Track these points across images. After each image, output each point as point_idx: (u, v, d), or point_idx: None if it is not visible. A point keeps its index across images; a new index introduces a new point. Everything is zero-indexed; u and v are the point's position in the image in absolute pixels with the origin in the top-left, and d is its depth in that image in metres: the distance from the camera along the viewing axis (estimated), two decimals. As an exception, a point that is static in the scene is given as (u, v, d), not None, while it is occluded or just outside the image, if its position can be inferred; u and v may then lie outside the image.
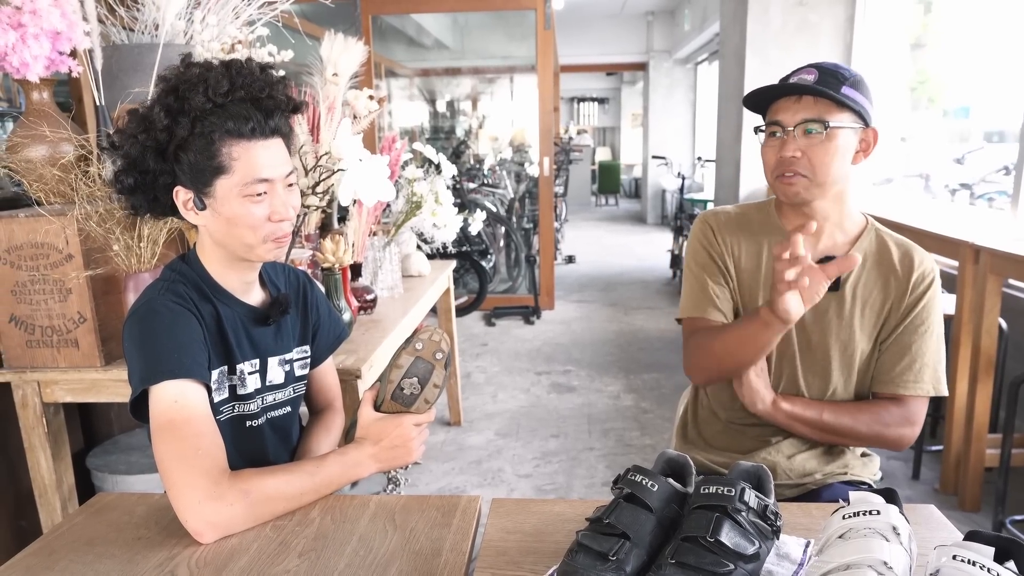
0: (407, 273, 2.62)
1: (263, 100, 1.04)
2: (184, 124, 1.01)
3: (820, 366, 1.32)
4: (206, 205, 1.06)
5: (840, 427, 1.28)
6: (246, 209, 1.04)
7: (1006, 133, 4.49)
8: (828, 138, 1.19)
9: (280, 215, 1.07)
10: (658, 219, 10.19)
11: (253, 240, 1.07)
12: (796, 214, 1.31)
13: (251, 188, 1.04)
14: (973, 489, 2.39)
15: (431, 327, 1.12)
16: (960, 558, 0.67)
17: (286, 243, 1.12)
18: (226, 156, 1.02)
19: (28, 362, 1.57)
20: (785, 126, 1.22)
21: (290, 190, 1.10)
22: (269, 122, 1.05)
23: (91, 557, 0.92)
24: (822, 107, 1.19)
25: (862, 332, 1.29)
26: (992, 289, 2.33)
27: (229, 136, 1.02)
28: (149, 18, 1.64)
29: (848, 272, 1.27)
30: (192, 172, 1.03)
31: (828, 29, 4.03)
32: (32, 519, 1.71)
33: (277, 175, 1.06)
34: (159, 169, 1.04)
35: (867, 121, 1.22)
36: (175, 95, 1.01)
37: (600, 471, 2.81)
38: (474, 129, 7.09)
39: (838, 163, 1.21)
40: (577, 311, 5.37)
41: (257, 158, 1.04)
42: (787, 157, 1.22)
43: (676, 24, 9.03)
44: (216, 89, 1.00)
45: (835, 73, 1.21)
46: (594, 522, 0.85)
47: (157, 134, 1.02)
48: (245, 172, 1.03)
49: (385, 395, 1.09)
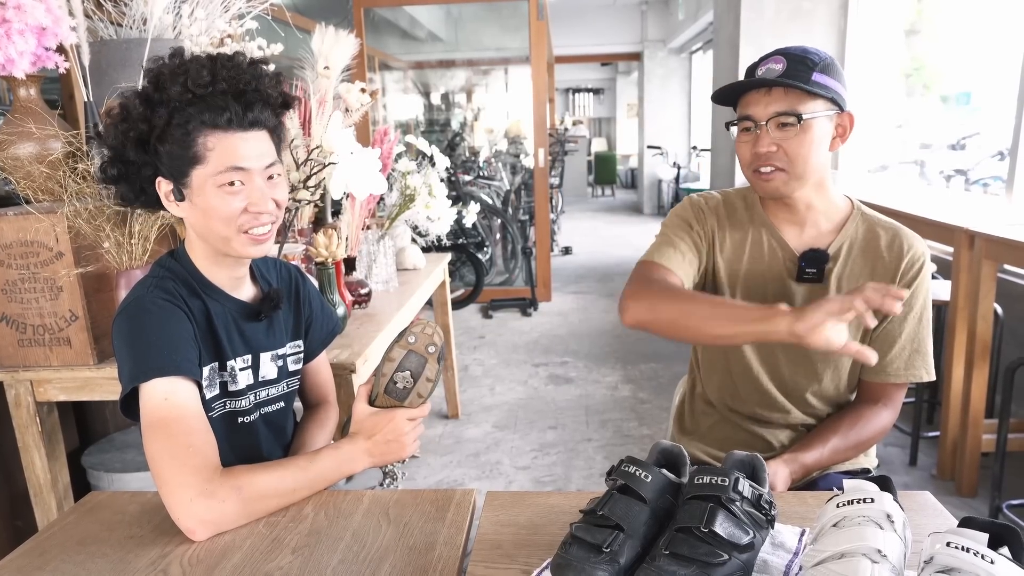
0: (402, 266, 2.61)
1: (247, 93, 1.03)
2: (161, 114, 1.00)
3: (804, 361, 1.30)
4: (185, 196, 1.05)
5: (844, 452, 1.28)
6: (220, 200, 1.03)
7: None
8: (803, 130, 1.16)
9: (257, 207, 1.05)
10: (654, 209, 10.18)
11: (228, 232, 1.05)
12: (778, 205, 1.28)
13: (224, 177, 1.02)
14: (970, 474, 2.40)
15: (424, 320, 1.11)
16: (954, 545, 0.67)
17: (266, 241, 1.09)
18: (201, 146, 1.01)
19: (20, 361, 1.57)
20: (757, 120, 1.18)
21: (272, 183, 1.08)
22: (248, 114, 1.03)
23: (83, 556, 0.91)
24: (793, 98, 1.15)
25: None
26: (987, 274, 2.32)
27: (205, 127, 1.01)
28: (137, 13, 1.63)
29: (833, 259, 1.25)
30: (170, 162, 1.03)
31: (822, 16, 4.02)
32: (28, 519, 1.70)
33: (254, 166, 1.05)
34: (141, 160, 1.04)
35: (841, 106, 1.19)
36: (155, 86, 1.01)
37: (598, 462, 2.81)
38: (469, 121, 7.06)
39: (815, 153, 1.18)
40: (574, 302, 5.36)
41: (233, 148, 1.03)
42: (762, 152, 1.19)
43: (670, 13, 8.99)
44: (196, 80, 0.99)
45: (803, 59, 1.16)
46: (588, 514, 0.84)
47: (136, 124, 1.01)
48: (219, 161, 1.02)
49: (379, 389, 1.08)
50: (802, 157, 1.18)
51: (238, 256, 1.09)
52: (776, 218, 1.30)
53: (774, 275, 1.29)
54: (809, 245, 1.27)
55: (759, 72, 1.19)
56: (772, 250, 1.29)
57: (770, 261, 1.29)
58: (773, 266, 1.29)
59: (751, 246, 1.31)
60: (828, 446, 1.25)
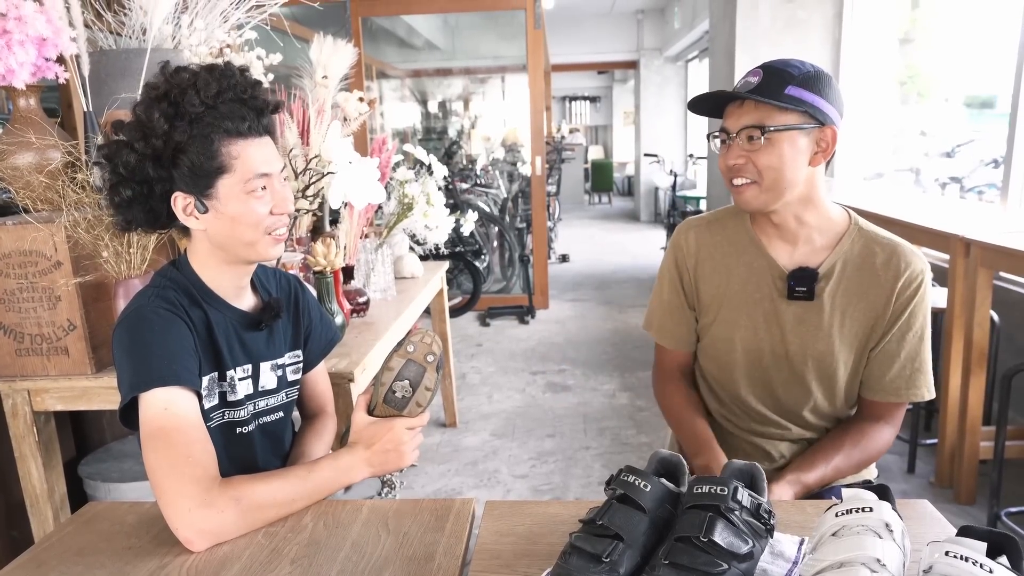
0: (400, 275, 2.61)
1: (249, 100, 1.05)
2: (182, 128, 1.01)
3: (797, 378, 1.29)
4: (208, 208, 1.06)
5: (847, 470, 1.28)
6: (248, 206, 1.06)
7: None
8: (769, 143, 1.15)
9: (281, 208, 1.09)
10: (651, 217, 10.20)
11: (255, 236, 1.08)
12: (766, 221, 1.27)
13: (253, 184, 1.06)
14: (968, 482, 2.40)
15: (424, 329, 1.11)
16: (953, 554, 0.67)
17: (284, 240, 1.14)
18: (226, 155, 1.03)
19: (18, 371, 1.56)
20: (729, 132, 1.20)
21: (285, 184, 1.13)
22: (262, 120, 1.07)
23: (81, 567, 0.91)
24: (763, 112, 1.15)
25: (842, 343, 1.25)
26: (983, 282, 2.33)
27: (227, 135, 1.03)
28: (136, 23, 1.63)
29: (825, 278, 1.25)
30: (192, 175, 1.03)
31: (817, 25, 4.05)
32: (24, 529, 1.69)
33: (275, 170, 1.09)
34: (157, 176, 1.04)
35: (821, 120, 1.16)
36: (167, 100, 1.01)
37: (596, 470, 2.81)
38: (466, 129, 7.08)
39: (789, 167, 1.16)
40: (572, 310, 5.37)
41: (255, 155, 1.06)
42: (731, 164, 1.20)
43: (666, 22, 9.03)
44: (207, 91, 1.01)
45: (781, 73, 1.15)
46: (587, 523, 0.84)
47: (154, 141, 1.01)
48: (245, 169, 1.05)
49: (377, 399, 1.08)
50: (772, 170, 1.17)
51: (259, 259, 1.12)
52: (766, 235, 1.29)
53: (763, 294, 1.28)
54: (801, 262, 1.26)
55: (737, 86, 1.20)
56: (760, 269, 1.28)
57: (759, 280, 1.28)
58: (762, 285, 1.28)
59: (739, 266, 1.30)
60: (831, 465, 1.25)
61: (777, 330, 1.28)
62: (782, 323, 1.27)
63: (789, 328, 1.27)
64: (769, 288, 1.28)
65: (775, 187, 1.19)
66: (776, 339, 1.28)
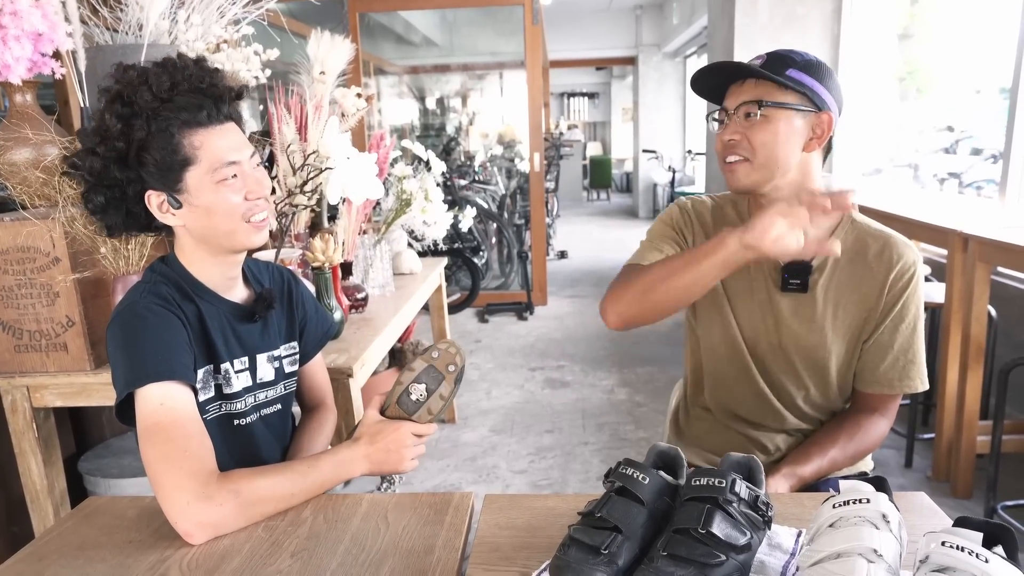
0: (398, 271, 2.61)
1: (207, 89, 1.04)
2: (139, 125, 1.00)
3: (789, 370, 1.30)
4: (181, 202, 1.05)
5: (842, 463, 1.28)
6: (221, 195, 1.05)
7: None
8: (766, 119, 1.16)
9: (255, 192, 1.08)
10: (650, 213, 10.20)
11: (232, 225, 1.07)
12: (761, 211, 1.27)
13: (222, 173, 1.04)
14: (965, 476, 2.41)
15: (452, 341, 1.12)
16: (949, 544, 0.68)
17: (266, 228, 1.12)
18: (188, 147, 1.03)
19: (16, 367, 1.56)
20: (728, 110, 1.21)
21: (258, 169, 1.11)
22: (221, 108, 1.06)
23: (81, 561, 0.91)
24: (762, 89, 1.17)
25: (835, 335, 1.26)
26: (981, 277, 2.34)
27: (186, 127, 1.02)
28: (133, 18, 1.63)
29: (819, 270, 1.24)
30: (159, 171, 1.03)
31: (815, 21, 4.04)
32: (24, 525, 1.70)
33: (242, 157, 1.07)
34: (125, 178, 1.03)
35: (819, 105, 1.17)
36: (121, 101, 1.01)
37: (595, 465, 2.81)
38: (464, 126, 7.07)
39: (782, 146, 1.17)
40: (570, 306, 5.37)
41: (219, 143, 1.05)
42: (726, 140, 1.21)
43: (664, 18, 9.03)
44: (160, 86, 1.00)
45: (783, 57, 1.18)
46: (586, 516, 0.85)
47: (114, 142, 1.01)
48: (212, 158, 1.04)
49: (392, 399, 1.09)
50: (766, 147, 1.17)
51: (242, 247, 1.11)
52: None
53: (759, 284, 1.29)
54: (792, 256, 1.26)
55: None
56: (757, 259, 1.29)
57: (754, 270, 1.29)
58: (757, 275, 1.29)
59: None
60: (827, 457, 1.25)
61: (772, 321, 1.28)
62: (777, 314, 1.28)
63: (784, 320, 1.27)
64: (764, 279, 1.28)
65: (767, 165, 1.19)
66: (771, 330, 1.29)
